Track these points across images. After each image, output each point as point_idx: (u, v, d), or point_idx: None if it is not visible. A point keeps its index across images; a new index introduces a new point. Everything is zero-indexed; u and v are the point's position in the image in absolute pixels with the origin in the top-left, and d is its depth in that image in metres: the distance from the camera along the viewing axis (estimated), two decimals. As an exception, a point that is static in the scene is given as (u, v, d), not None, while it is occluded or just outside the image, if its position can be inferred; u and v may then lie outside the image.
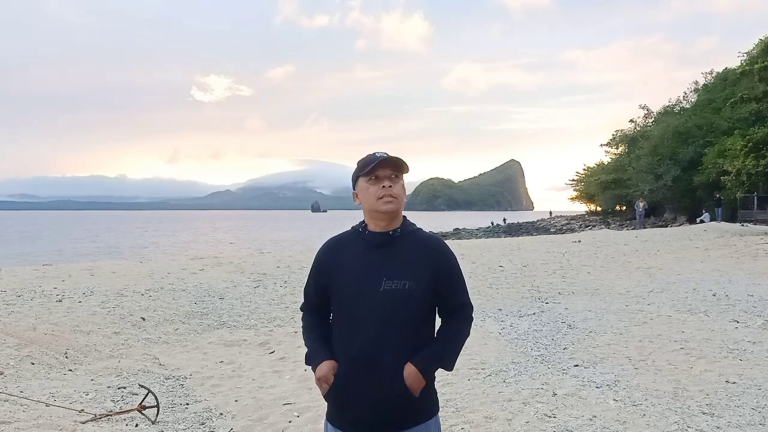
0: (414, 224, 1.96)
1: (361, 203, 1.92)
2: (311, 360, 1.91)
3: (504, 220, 63.07)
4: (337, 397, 1.84)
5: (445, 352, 1.89)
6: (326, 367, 1.84)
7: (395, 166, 1.88)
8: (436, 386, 1.99)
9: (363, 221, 1.95)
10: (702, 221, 29.14)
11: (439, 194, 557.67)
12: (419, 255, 1.86)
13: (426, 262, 1.85)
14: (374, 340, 1.79)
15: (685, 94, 47.36)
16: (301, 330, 2.06)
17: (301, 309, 2.08)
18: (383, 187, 1.85)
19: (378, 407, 1.79)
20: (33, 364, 5.02)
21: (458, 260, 1.98)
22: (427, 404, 1.88)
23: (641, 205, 28.62)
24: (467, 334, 1.96)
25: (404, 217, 1.95)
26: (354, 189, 1.96)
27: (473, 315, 2.01)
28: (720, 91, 36.66)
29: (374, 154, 1.91)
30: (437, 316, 1.94)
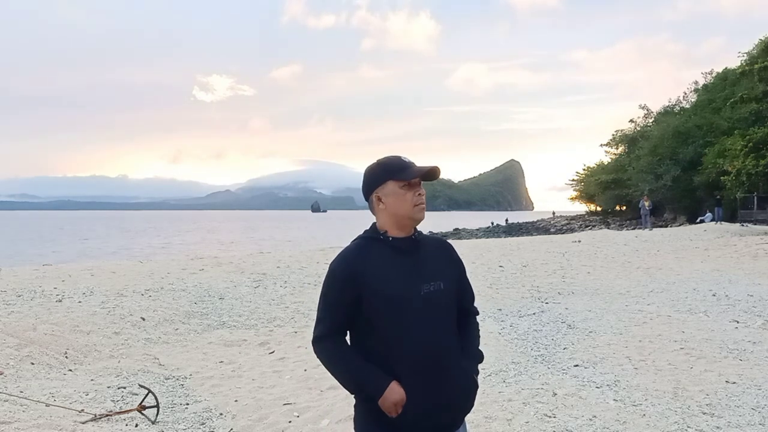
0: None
1: (387, 207, 1.84)
2: (374, 385, 1.76)
3: (506, 220, 63.26)
4: (411, 408, 1.75)
5: (478, 349, 2.00)
6: (398, 387, 1.74)
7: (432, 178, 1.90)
8: None
9: (374, 228, 1.88)
10: (702, 221, 29.08)
11: (439, 194, 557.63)
12: (441, 257, 1.93)
13: (449, 263, 1.93)
14: (432, 344, 1.78)
15: (685, 94, 47.41)
16: (330, 358, 1.84)
17: (322, 337, 1.83)
18: (419, 194, 1.84)
19: (448, 408, 1.80)
20: (33, 364, 5.02)
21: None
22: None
23: (646, 204, 26.68)
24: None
25: None
26: (373, 191, 1.87)
27: None
28: (720, 91, 36.70)
29: (401, 158, 1.87)
30: None
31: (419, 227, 1.95)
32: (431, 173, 1.86)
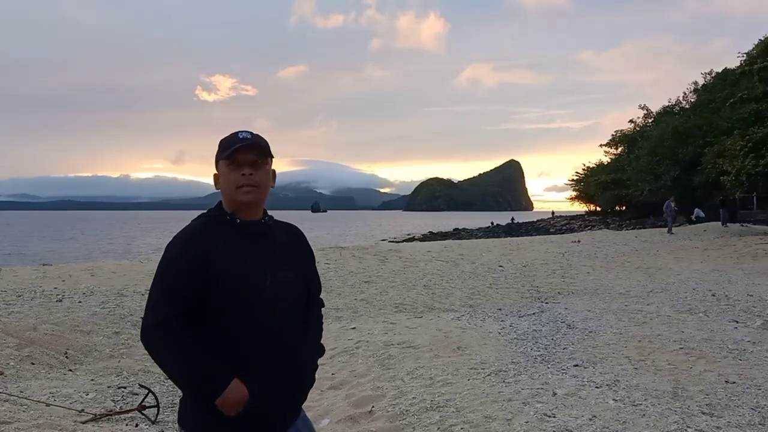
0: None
1: (220, 188, 1.74)
2: (215, 382, 1.59)
3: (512, 219, 63.63)
4: (250, 403, 1.63)
5: (319, 342, 1.91)
6: (240, 384, 1.61)
7: (259, 151, 1.71)
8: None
9: (219, 206, 1.75)
10: (699, 216, 29.06)
11: (439, 194, 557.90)
12: (291, 244, 1.82)
13: (298, 251, 1.83)
14: (277, 337, 1.68)
15: (685, 94, 47.44)
16: (163, 350, 1.62)
17: (155, 326, 1.61)
18: (243, 174, 1.68)
19: (283, 401, 1.72)
20: (33, 364, 5.02)
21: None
22: None
23: (673, 204, 24.78)
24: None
25: None
26: (217, 171, 1.77)
27: None
28: (719, 91, 36.72)
29: (237, 134, 1.72)
30: None
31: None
32: (251, 147, 1.69)
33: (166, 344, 1.62)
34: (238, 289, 1.63)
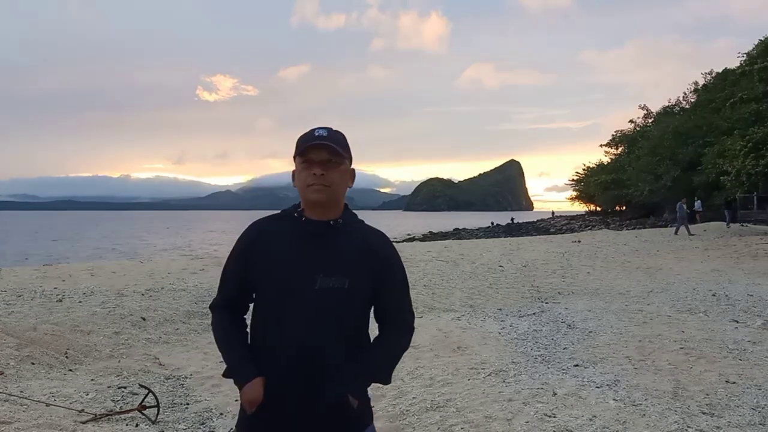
0: (356, 216, 1.74)
1: (296, 186, 1.69)
2: (239, 375, 1.64)
3: (512, 219, 63.58)
4: (268, 410, 1.59)
5: (382, 366, 1.73)
6: (259, 385, 1.59)
7: (332, 151, 1.63)
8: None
9: (299, 204, 1.71)
10: (698, 209, 29.09)
11: (439, 194, 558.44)
12: (361, 250, 1.66)
13: (370, 260, 1.66)
14: (310, 345, 1.58)
15: (685, 94, 47.48)
16: (213, 331, 1.77)
17: (212, 308, 1.77)
18: (314, 174, 1.62)
19: (311, 420, 1.59)
20: (33, 364, 5.02)
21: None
22: (362, 414, 1.69)
23: (685, 206, 23.94)
24: (407, 345, 1.77)
25: (346, 205, 1.73)
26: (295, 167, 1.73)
27: (414, 326, 1.79)
28: (720, 91, 36.73)
29: (314, 131, 1.67)
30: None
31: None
32: (323, 145, 1.63)
33: (214, 326, 1.77)
34: (273, 287, 1.62)
